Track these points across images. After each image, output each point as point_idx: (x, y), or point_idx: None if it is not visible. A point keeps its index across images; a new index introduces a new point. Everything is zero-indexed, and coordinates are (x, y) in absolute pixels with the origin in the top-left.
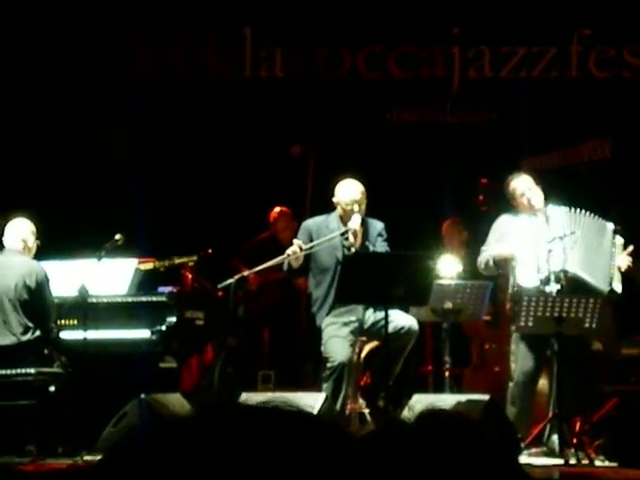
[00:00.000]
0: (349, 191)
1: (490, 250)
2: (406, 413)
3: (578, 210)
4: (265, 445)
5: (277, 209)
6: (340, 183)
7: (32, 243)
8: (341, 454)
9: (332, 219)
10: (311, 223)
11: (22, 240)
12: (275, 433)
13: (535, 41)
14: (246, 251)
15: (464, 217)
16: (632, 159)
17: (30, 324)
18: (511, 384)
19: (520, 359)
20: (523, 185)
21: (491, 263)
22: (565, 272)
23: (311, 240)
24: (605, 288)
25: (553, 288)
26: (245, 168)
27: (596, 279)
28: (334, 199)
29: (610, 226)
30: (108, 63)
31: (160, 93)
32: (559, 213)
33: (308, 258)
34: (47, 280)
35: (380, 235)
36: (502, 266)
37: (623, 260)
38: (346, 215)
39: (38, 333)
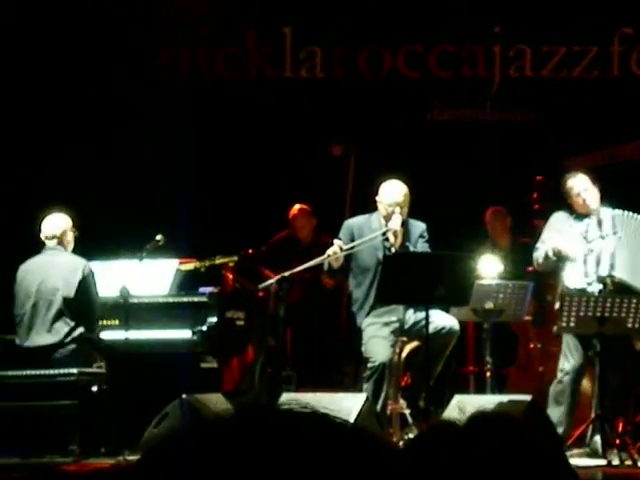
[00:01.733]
0: (392, 193)
1: (550, 244)
2: (454, 414)
3: (626, 212)
4: (303, 451)
5: (297, 206)
6: (384, 184)
7: (71, 237)
8: (381, 469)
9: (374, 219)
10: (353, 222)
11: (61, 235)
12: (314, 440)
13: (576, 40)
14: (265, 253)
15: (514, 214)
16: None
17: (74, 324)
18: (554, 383)
19: (568, 358)
20: (580, 185)
21: (551, 253)
22: (612, 277)
23: (352, 239)
24: None
25: (595, 288)
26: (285, 168)
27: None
28: (377, 198)
29: None
30: (152, 64)
31: (202, 93)
32: (609, 215)
33: (349, 258)
34: (93, 275)
35: (421, 236)
36: (559, 261)
37: None
38: (388, 216)
39: (82, 331)
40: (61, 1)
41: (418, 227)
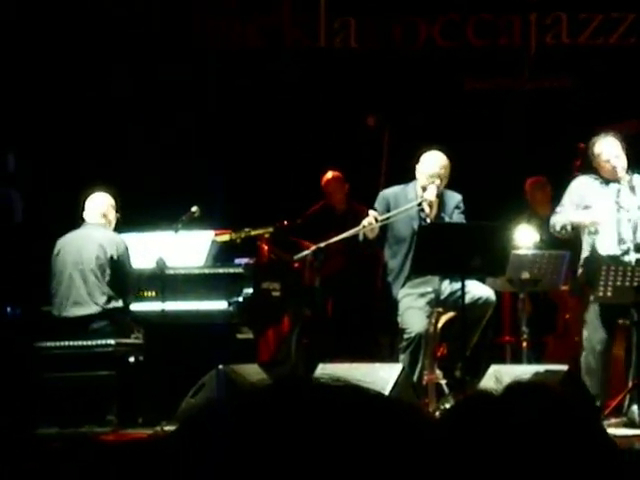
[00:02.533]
0: (432, 163)
1: (570, 215)
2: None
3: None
4: (337, 423)
5: (330, 173)
6: (425, 154)
7: (113, 216)
8: (417, 440)
9: (410, 189)
10: (389, 192)
11: (103, 214)
12: (351, 414)
13: (613, 7)
14: (299, 225)
15: (556, 180)
16: None
17: (112, 293)
18: (584, 355)
19: (592, 328)
20: (610, 151)
21: (569, 228)
22: None
23: (388, 210)
24: None
25: (632, 257)
26: (320, 140)
27: None
28: (417, 167)
29: None
30: (185, 35)
31: (234, 63)
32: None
33: (384, 228)
34: (127, 252)
35: (457, 207)
36: (578, 232)
37: None
38: (426, 186)
39: (120, 303)
40: None
41: (454, 198)
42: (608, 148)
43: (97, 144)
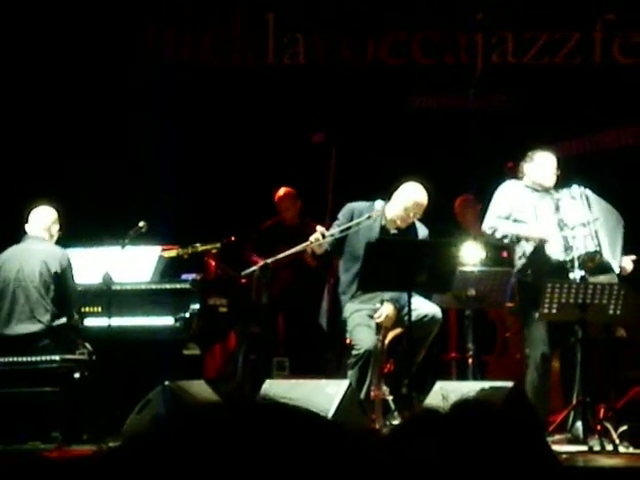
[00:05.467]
0: (412, 198)
1: (515, 227)
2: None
3: (590, 194)
4: (281, 447)
5: (282, 190)
6: (408, 185)
7: (55, 231)
8: (356, 461)
9: (374, 207)
10: (355, 206)
11: (46, 228)
12: (292, 435)
13: (558, 26)
14: (255, 240)
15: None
16: None
17: (56, 310)
18: (528, 371)
19: (535, 345)
20: (552, 162)
21: (511, 239)
22: (600, 254)
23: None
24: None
25: (577, 275)
26: (268, 156)
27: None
28: (396, 195)
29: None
30: (133, 49)
31: (184, 80)
32: (572, 202)
33: (343, 244)
34: (70, 266)
35: None
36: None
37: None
38: (398, 216)
39: (64, 319)
40: None
41: (422, 231)
42: (551, 158)
43: (42, 157)
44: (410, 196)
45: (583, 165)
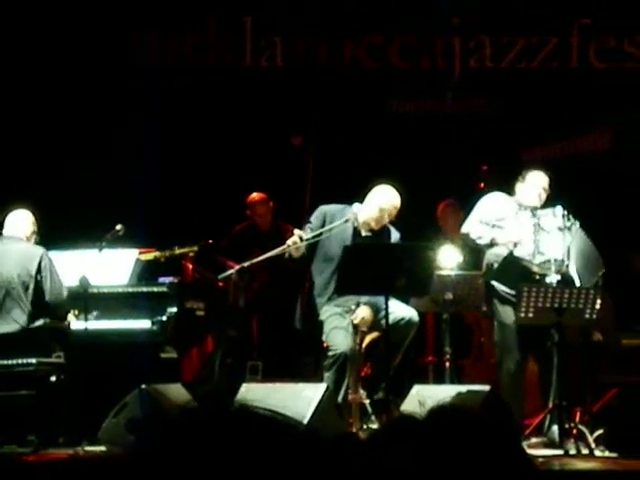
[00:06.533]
0: (385, 199)
1: (488, 231)
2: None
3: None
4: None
5: (255, 195)
6: (381, 187)
7: (31, 234)
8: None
9: (348, 212)
10: (328, 209)
11: (23, 231)
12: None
13: (535, 31)
14: (224, 245)
15: (465, 205)
16: (633, 151)
17: (34, 312)
18: (500, 375)
19: (505, 350)
20: (545, 181)
21: (481, 242)
22: (566, 267)
23: (323, 225)
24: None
25: (553, 279)
26: (246, 159)
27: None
28: (370, 196)
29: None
30: (116, 52)
31: (164, 82)
32: (551, 214)
33: (315, 246)
34: (51, 263)
35: None
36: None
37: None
38: (372, 218)
39: (41, 322)
40: None
41: (392, 236)
42: (544, 179)
43: (19, 160)
44: (386, 197)
45: (560, 170)
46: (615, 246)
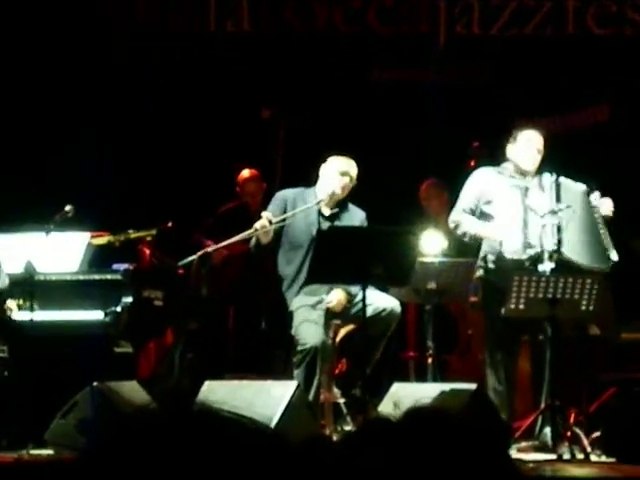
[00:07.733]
0: (342, 162)
1: (474, 226)
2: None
3: (570, 180)
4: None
5: (246, 171)
6: (333, 156)
7: None
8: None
9: (311, 192)
10: (288, 193)
11: None
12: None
13: None
14: (210, 224)
15: (452, 183)
16: (631, 123)
17: None
18: (487, 373)
19: (493, 348)
20: (537, 141)
21: (467, 239)
22: (559, 254)
23: (284, 212)
24: (604, 265)
25: (547, 267)
26: (211, 133)
27: (593, 259)
28: (326, 165)
29: (583, 189)
30: (83, 17)
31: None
32: (549, 181)
33: (280, 233)
34: None
35: (361, 224)
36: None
37: (607, 209)
38: (334, 185)
39: None
40: None
41: (357, 215)
42: (536, 138)
43: None
44: (340, 161)
45: (556, 144)
46: (615, 229)
